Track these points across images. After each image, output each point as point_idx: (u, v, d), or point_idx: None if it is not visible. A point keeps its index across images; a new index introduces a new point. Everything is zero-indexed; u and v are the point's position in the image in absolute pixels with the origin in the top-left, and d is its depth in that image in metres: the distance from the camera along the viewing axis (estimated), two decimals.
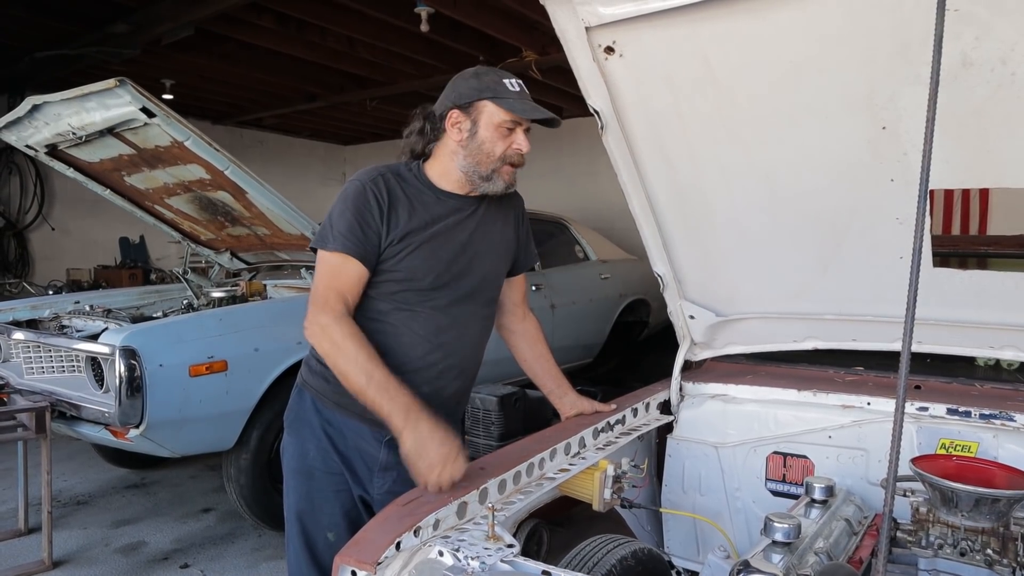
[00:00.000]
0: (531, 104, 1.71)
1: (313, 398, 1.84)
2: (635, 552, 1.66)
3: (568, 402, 2.08)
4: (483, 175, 1.73)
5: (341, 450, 1.81)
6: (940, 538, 1.58)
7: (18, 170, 8.49)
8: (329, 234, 1.68)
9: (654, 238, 2.08)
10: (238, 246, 4.68)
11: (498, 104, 1.67)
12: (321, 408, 1.83)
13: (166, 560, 3.40)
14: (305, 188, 11.03)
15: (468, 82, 1.71)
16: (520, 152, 1.72)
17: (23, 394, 3.40)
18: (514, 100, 1.68)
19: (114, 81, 2.99)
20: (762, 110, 1.67)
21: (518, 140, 1.71)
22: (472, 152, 1.71)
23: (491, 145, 1.70)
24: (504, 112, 1.68)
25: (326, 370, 1.81)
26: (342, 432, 1.81)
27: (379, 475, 1.80)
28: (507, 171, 1.74)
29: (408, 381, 1.77)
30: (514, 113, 1.68)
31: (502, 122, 1.68)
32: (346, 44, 6.62)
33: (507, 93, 1.68)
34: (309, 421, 1.84)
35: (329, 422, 1.82)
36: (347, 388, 1.62)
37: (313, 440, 1.82)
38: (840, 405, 2.14)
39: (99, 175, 4.13)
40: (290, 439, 1.88)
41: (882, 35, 1.42)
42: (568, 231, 6.01)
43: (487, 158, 1.71)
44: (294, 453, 1.85)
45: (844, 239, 1.89)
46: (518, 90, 1.70)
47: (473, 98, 1.69)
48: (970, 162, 1.59)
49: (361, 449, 1.81)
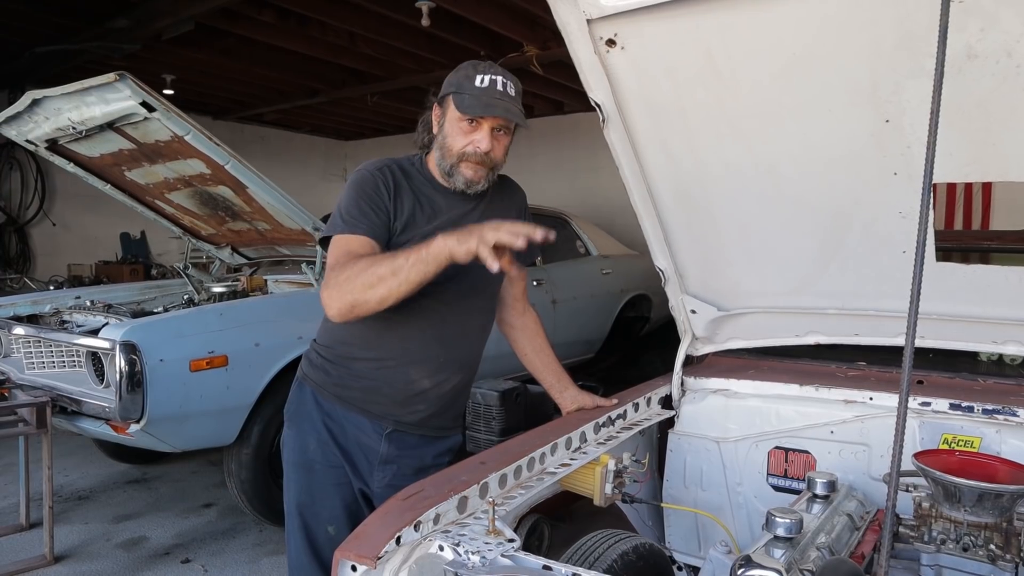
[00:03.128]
0: (484, 102, 1.63)
1: (313, 391, 1.84)
2: (636, 547, 1.66)
3: (569, 397, 2.07)
4: (445, 170, 1.73)
5: (341, 443, 1.81)
6: (943, 533, 1.57)
7: (19, 165, 8.48)
8: (339, 222, 1.67)
9: (655, 232, 2.07)
10: (239, 241, 4.67)
11: (454, 99, 1.66)
12: (321, 401, 1.82)
13: (167, 555, 3.41)
14: (306, 183, 11.02)
15: (449, 76, 1.71)
16: (477, 150, 1.68)
17: (24, 389, 3.41)
18: (469, 97, 1.64)
19: (114, 75, 2.98)
20: (764, 103, 1.66)
21: (476, 138, 1.67)
22: (439, 146, 1.73)
23: (452, 140, 1.69)
24: (458, 109, 1.66)
25: (326, 363, 1.81)
26: (342, 425, 1.81)
27: (379, 468, 1.80)
28: (466, 167, 1.70)
29: (409, 374, 1.77)
30: (461, 111, 1.64)
31: (460, 118, 1.66)
32: (347, 39, 6.61)
33: (469, 89, 1.64)
34: (309, 414, 1.83)
35: (329, 415, 1.81)
36: (391, 291, 1.46)
37: (313, 433, 1.82)
38: (842, 400, 2.13)
39: (99, 170, 4.12)
40: (290, 432, 1.87)
41: (886, 27, 1.41)
42: (569, 226, 6.00)
43: (448, 152, 1.71)
44: (294, 446, 1.85)
45: (847, 233, 1.89)
46: (484, 86, 1.64)
47: (446, 92, 1.70)
48: (974, 156, 1.58)
49: (361, 442, 1.81)
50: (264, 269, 4.96)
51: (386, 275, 1.46)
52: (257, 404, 3.39)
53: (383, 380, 1.78)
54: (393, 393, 1.79)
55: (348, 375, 1.80)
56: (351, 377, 1.80)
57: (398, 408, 1.80)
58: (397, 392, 1.79)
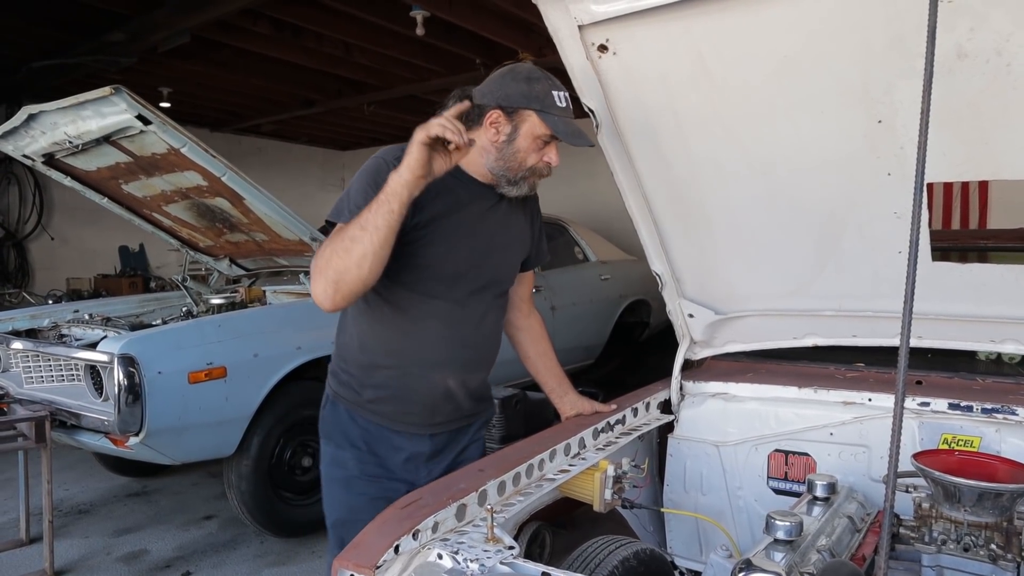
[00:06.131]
0: (575, 127, 1.67)
1: (347, 409, 1.82)
2: (637, 553, 1.65)
3: (568, 402, 2.08)
4: (511, 179, 1.72)
5: (380, 454, 1.80)
6: (943, 534, 1.57)
7: (17, 180, 8.48)
8: (346, 207, 1.61)
9: (651, 236, 2.07)
10: (237, 252, 4.67)
11: (543, 119, 1.64)
12: (356, 417, 1.81)
13: (168, 568, 3.39)
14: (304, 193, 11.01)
15: (519, 86, 1.65)
16: (550, 166, 1.72)
17: (23, 404, 3.40)
18: (559, 119, 1.65)
19: (109, 89, 2.98)
20: (757, 105, 1.66)
21: (550, 155, 1.70)
22: (505, 157, 1.68)
23: (525, 155, 1.68)
24: (547, 128, 1.65)
25: (352, 379, 1.80)
26: (380, 437, 1.80)
27: (425, 466, 1.82)
28: (534, 179, 1.74)
29: (433, 379, 1.78)
30: (557, 133, 1.65)
31: (542, 135, 1.66)
32: (342, 49, 6.62)
33: (554, 109, 1.65)
34: (346, 431, 1.81)
35: (366, 430, 1.80)
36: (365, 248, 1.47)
37: (351, 448, 1.80)
38: (841, 402, 2.12)
39: (97, 183, 4.12)
40: (327, 449, 1.85)
41: (876, 28, 1.42)
42: (567, 232, 6.00)
43: (519, 166, 1.69)
44: (332, 463, 1.83)
45: (842, 234, 1.89)
46: (564, 106, 1.67)
47: (520, 105, 1.64)
48: (967, 155, 1.59)
49: (402, 449, 1.80)
50: (262, 280, 4.95)
51: (355, 233, 1.47)
52: (256, 415, 3.38)
53: (410, 388, 1.77)
54: (423, 400, 1.79)
55: (377, 389, 1.78)
56: (379, 390, 1.78)
57: (430, 413, 1.81)
58: (426, 398, 1.79)
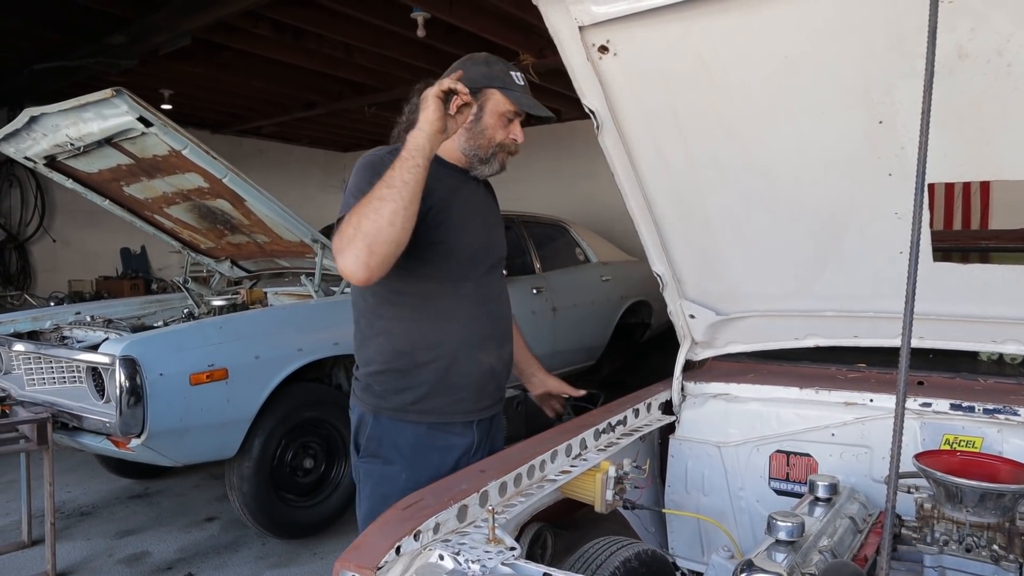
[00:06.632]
0: (534, 100, 1.79)
1: (391, 419, 1.79)
2: (639, 554, 1.65)
3: (537, 381, 2.18)
4: (482, 158, 1.81)
5: (433, 460, 1.79)
6: (945, 534, 1.57)
7: (18, 182, 8.50)
8: (351, 201, 1.61)
9: (652, 237, 2.07)
10: (238, 254, 4.68)
11: (506, 95, 1.75)
12: (404, 426, 1.79)
13: (170, 570, 3.39)
14: (306, 195, 11.03)
15: (478, 67, 1.76)
16: (516, 142, 1.82)
17: (25, 406, 3.40)
18: (520, 94, 1.77)
19: (110, 91, 2.99)
20: (757, 106, 1.66)
21: (515, 131, 1.80)
22: (475, 136, 1.79)
23: (492, 132, 1.78)
24: (510, 103, 1.76)
25: (390, 387, 1.79)
26: (432, 441, 1.80)
27: (472, 457, 1.83)
28: (503, 156, 1.83)
29: (478, 358, 1.82)
30: (520, 106, 1.76)
31: (506, 112, 1.77)
32: (343, 51, 6.63)
33: (514, 85, 1.77)
34: (396, 443, 1.79)
35: (416, 439, 1.79)
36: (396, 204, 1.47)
37: (402, 463, 1.78)
38: (843, 402, 2.12)
39: (98, 185, 4.13)
40: (374, 468, 1.81)
41: (876, 28, 1.42)
42: (568, 233, 6.00)
43: (488, 143, 1.79)
44: (381, 482, 1.79)
45: (843, 235, 1.89)
46: (523, 84, 1.79)
47: (483, 84, 1.74)
48: (968, 155, 1.58)
49: (454, 447, 1.82)
50: (264, 281, 4.96)
51: (383, 192, 1.48)
52: (258, 417, 3.38)
53: (459, 374, 1.79)
54: (472, 383, 1.82)
55: (422, 387, 1.77)
56: (425, 387, 1.77)
57: (478, 397, 1.84)
58: (476, 380, 1.82)
